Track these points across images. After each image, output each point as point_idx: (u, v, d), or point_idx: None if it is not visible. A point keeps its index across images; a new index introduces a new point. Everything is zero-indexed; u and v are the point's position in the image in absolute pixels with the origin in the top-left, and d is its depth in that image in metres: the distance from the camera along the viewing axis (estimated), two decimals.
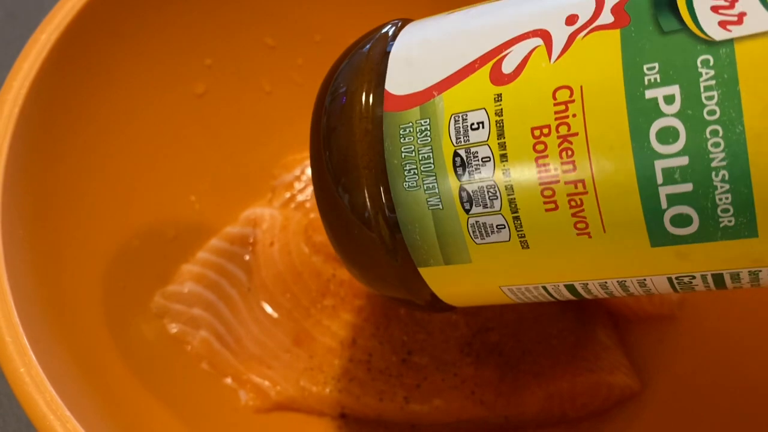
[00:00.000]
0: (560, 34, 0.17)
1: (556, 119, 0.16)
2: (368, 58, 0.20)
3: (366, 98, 0.19)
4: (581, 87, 0.16)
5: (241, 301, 0.31)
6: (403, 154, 0.18)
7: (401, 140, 0.18)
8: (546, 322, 0.30)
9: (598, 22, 0.17)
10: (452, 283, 0.20)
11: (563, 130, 0.16)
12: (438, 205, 0.18)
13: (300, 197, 0.33)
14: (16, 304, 0.22)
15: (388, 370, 0.29)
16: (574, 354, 0.29)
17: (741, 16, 0.15)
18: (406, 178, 0.18)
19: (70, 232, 0.26)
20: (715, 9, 0.15)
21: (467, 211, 0.18)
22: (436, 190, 0.18)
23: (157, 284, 0.30)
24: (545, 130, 0.17)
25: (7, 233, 0.23)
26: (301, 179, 0.33)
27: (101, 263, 0.28)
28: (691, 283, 0.18)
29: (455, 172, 0.18)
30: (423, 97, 0.18)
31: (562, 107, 0.16)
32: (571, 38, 0.17)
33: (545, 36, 0.17)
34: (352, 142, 0.19)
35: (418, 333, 0.29)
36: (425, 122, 0.18)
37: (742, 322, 0.28)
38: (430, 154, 0.18)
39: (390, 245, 0.19)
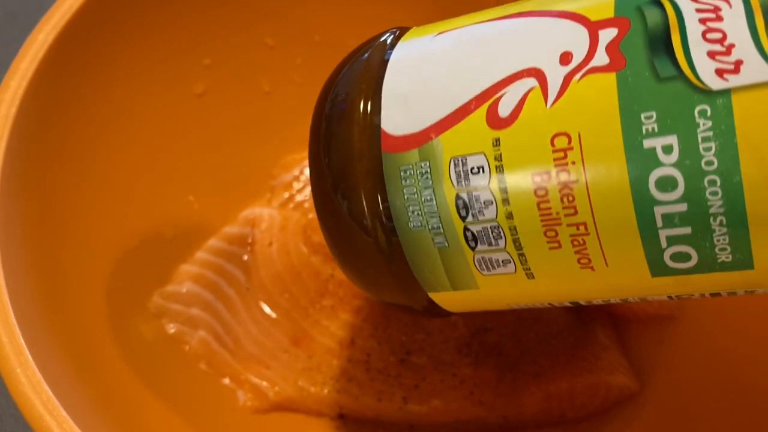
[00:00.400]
0: (555, 76, 0.17)
1: (555, 166, 0.17)
2: (367, 66, 0.20)
3: (364, 106, 0.19)
4: (579, 134, 0.16)
5: (240, 301, 0.31)
6: (405, 196, 0.19)
7: (403, 182, 0.18)
8: (545, 322, 0.29)
9: (593, 64, 0.16)
10: (459, 302, 0.21)
11: (563, 176, 0.17)
12: (444, 243, 0.19)
13: (299, 197, 0.33)
14: (12, 304, 0.22)
15: (386, 371, 0.29)
16: (574, 354, 0.29)
17: (738, 64, 0.15)
18: (410, 219, 0.19)
19: (68, 232, 0.26)
20: (711, 54, 0.15)
21: (473, 249, 0.19)
22: (441, 230, 0.19)
23: (155, 284, 0.30)
24: (545, 176, 0.17)
25: (5, 233, 0.23)
26: (299, 179, 0.33)
27: (99, 263, 0.28)
28: (689, 298, 0.19)
29: (458, 213, 0.18)
30: (421, 139, 0.18)
31: (561, 154, 0.16)
32: (567, 81, 0.17)
33: (540, 76, 0.17)
34: (350, 149, 0.19)
35: (416, 333, 0.29)
36: (425, 165, 0.18)
37: (741, 323, 0.28)
38: (433, 197, 0.18)
39: (387, 251, 0.19)
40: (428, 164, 0.18)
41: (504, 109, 0.17)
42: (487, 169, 0.17)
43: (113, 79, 0.29)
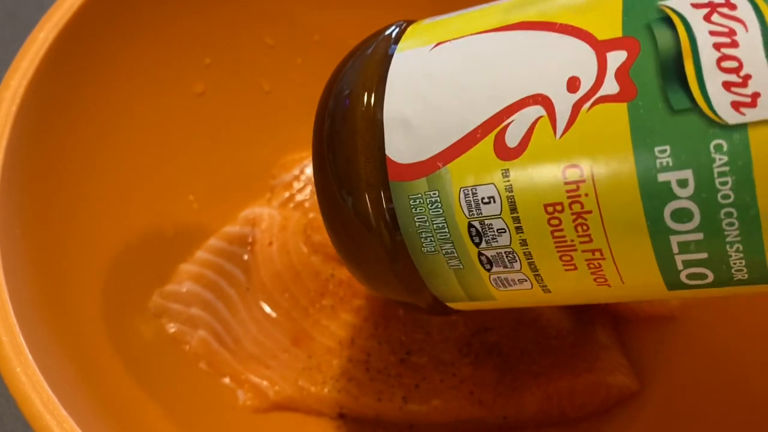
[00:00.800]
0: (563, 104, 0.16)
1: (568, 197, 0.16)
2: (371, 61, 0.20)
3: (368, 100, 0.19)
4: (591, 167, 0.16)
5: (240, 300, 0.31)
6: (416, 224, 0.18)
7: (413, 210, 0.18)
8: (545, 322, 0.29)
9: (602, 92, 0.16)
10: (474, 307, 0.21)
11: (576, 207, 0.16)
12: (459, 265, 0.19)
13: (299, 197, 0.33)
14: (13, 303, 0.21)
15: (386, 370, 0.29)
16: (573, 354, 0.29)
17: (755, 97, 0.14)
18: (424, 244, 0.19)
19: (68, 231, 0.26)
20: (727, 86, 0.15)
21: (488, 270, 0.19)
22: (455, 254, 0.19)
23: (155, 283, 0.30)
24: (558, 207, 0.17)
25: (5, 232, 0.23)
26: (299, 179, 0.33)
27: (99, 262, 0.28)
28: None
29: (472, 240, 0.18)
30: (428, 168, 0.18)
31: (573, 186, 0.16)
32: (575, 110, 0.16)
33: (547, 104, 0.16)
34: (354, 146, 0.19)
35: (416, 333, 0.29)
36: (434, 194, 0.18)
37: (740, 323, 0.28)
38: (445, 225, 0.18)
39: (391, 250, 0.19)
40: (437, 194, 0.18)
41: (512, 139, 0.17)
42: (498, 199, 0.17)
43: (113, 78, 0.29)
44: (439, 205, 0.18)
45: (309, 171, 0.33)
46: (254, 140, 0.33)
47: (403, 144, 0.18)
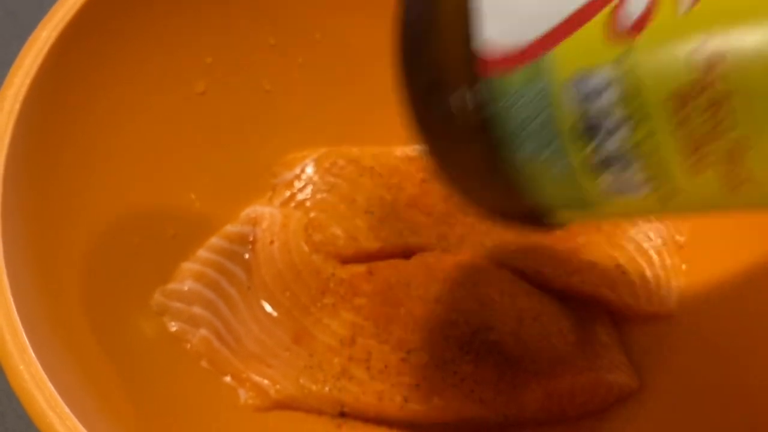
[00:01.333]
0: None
1: (699, 82, 0.14)
2: None
3: None
4: (728, 43, 0.13)
5: (241, 299, 0.31)
6: (514, 123, 0.16)
7: (510, 108, 0.16)
8: (546, 321, 0.30)
9: None
10: (577, 218, 0.19)
11: (710, 93, 0.14)
12: (564, 170, 0.16)
13: (300, 196, 0.33)
14: (15, 301, 0.21)
15: (387, 369, 0.29)
16: (574, 353, 0.29)
17: None
18: (523, 147, 0.16)
19: (71, 229, 0.26)
20: None
21: (600, 174, 0.16)
22: (562, 156, 0.16)
23: (156, 282, 0.30)
24: (688, 95, 0.14)
25: (7, 230, 0.23)
26: (301, 178, 0.33)
27: (101, 260, 0.28)
28: None
29: (581, 139, 0.16)
30: (527, 56, 0.15)
31: (706, 68, 0.14)
32: None
33: None
34: (439, 37, 0.17)
35: (417, 331, 0.29)
36: (536, 87, 0.15)
37: (739, 322, 0.28)
38: (549, 123, 0.16)
39: (486, 152, 0.17)
40: (540, 87, 0.15)
41: (629, 15, 0.14)
42: (613, 89, 0.15)
43: (115, 76, 0.29)
44: (543, 100, 0.16)
45: (310, 170, 0.34)
46: (255, 139, 0.33)
47: (495, 31, 0.16)
